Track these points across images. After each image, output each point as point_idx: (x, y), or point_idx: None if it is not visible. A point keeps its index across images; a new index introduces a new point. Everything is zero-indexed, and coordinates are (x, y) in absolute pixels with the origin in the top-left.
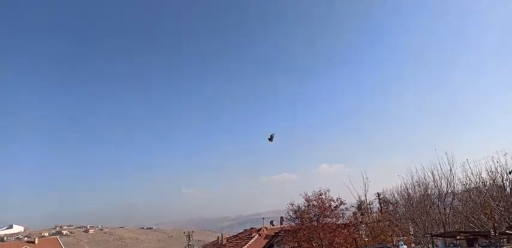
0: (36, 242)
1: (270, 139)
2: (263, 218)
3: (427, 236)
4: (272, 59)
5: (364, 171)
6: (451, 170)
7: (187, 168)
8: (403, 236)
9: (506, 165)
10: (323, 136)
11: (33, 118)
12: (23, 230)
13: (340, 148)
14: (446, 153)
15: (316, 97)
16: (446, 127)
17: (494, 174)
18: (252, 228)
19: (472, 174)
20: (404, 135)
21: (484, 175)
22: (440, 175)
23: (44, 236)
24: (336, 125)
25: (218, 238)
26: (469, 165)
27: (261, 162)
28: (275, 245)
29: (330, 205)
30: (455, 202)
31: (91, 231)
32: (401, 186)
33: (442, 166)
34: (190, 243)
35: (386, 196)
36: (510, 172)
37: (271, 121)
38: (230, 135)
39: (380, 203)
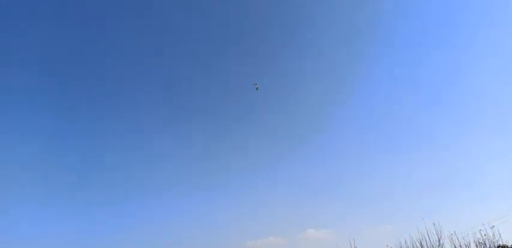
0: None
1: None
2: None
3: None
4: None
5: (352, 239)
6: (439, 241)
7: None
8: None
9: (494, 237)
10: (310, 201)
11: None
12: None
13: (327, 213)
14: (434, 224)
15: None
16: (434, 198)
17: (483, 246)
18: None
19: (460, 246)
20: (392, 203)
21: (473, 247)
22: (429, 246)
23: None
24: (322, 191)
25: None
26: (457, 236)
27: (246, 225)
28: None
29: None
30: None
31: None
32: None
33: (430, 237)
34: None
35: None
36: (499, 246)
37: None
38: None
39: None
